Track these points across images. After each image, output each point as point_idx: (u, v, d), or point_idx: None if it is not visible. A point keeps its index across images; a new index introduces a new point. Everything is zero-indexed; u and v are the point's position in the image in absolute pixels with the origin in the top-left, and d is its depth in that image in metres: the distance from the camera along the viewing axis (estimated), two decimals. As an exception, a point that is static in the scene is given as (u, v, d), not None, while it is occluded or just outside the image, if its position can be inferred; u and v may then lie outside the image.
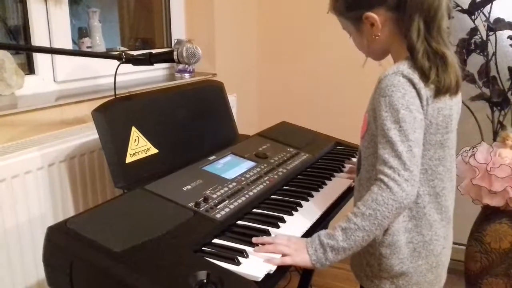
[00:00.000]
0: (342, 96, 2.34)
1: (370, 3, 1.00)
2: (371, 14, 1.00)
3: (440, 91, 0.97)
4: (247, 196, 1.17)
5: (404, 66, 0.97)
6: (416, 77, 0.96)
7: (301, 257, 0.96)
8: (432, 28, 0.97)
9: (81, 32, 1.85)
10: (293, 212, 1.14)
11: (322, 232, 0.98)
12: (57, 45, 1.59)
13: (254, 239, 0.98)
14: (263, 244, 0.98)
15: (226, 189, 1.18)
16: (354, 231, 0.93)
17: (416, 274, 1.05)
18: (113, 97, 1.36)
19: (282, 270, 0.95)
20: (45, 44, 1.57)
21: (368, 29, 1.02)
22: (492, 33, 2.01)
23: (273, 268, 0.91)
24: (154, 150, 1.27)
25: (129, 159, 1.20)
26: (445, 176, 1.05)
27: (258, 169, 1.33)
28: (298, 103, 2.45)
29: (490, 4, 1.98)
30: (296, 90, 2.47)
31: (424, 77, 0.96)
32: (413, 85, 0.95)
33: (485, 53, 2.04)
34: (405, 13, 0.97)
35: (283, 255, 0.95)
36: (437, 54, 0.97)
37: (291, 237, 1.02)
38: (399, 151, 0.92)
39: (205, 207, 1.07)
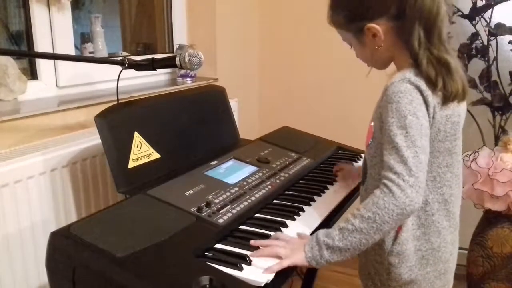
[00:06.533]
0: (343, 100, 2.34)
1: (371, 15, 0.99)
2: (373, 25, 0.99)
3: (448, 98, 0.97)
4: (249, 201, 1.17)
5: (411, 74, 0.96)
6: (423, 84, 0.95)
7: (298, 256, 0.95)
8: (433, 36, 0.97)
9: (83, 38, 1.86)
10: (295, 217, 1.14)
11: (321, 231, 0.97)
12: (59, 50, 1.60)
13: (252, 242, 0.97)
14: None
15: (228, 194, 1.18)
16: (351, 232, 0.92)
17: (425, 281, 1.05)
18: (116, 102, 1.36)
19: (285, 274, 0.94)
20: (48, 49, 1.58)
21: (370, 40, 1.01)
22: (493, 38, 2.02)
23: (270, 278, 0.89)
24: (156, 155, 1.27)
25: (131, 164, 1.20)
26: (453, 182, 1.04)
27: (260, 174, 1.33)
28: (299, 108, 2.46)
29: (490, 9, 1.99)
30: (298, 94, 2.48)
31: (431, 84, 0.95)
32: (420, 92, 0.95)
33: (486, 58, 2.05)
34: (405, 21, 0.96)
35: (281, 257, 0.94)
36: (440, 62, 0.96)
37: (290, 238, 1.01)
38: (405, 157, 0.90)
39: (207, 212, 1.08)
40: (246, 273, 0.89)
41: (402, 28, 0.98)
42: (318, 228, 1.12)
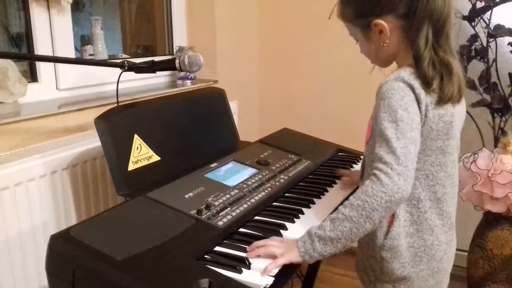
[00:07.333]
0: (343, 102, 2.34)
1: (379, 11, 1.00)
2: (380, 21, 1.00)
3: (442, 100, 0.98)
4: (249, 203, 1.17)
5: (406, 73, 0.98)
6: (416, 83, 0.97)
7: (292, 253, 0.95)
8: (440, 37, 0.98)
9: (83, 40, 1.86)
10: (294, 219, 1.14)
11: (313, 226, 0.98)
12: (59, 52, 1.60)
13: (248, 248, 0.98)
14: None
15: (228, 196, 1.19)
16: (341, 221, 0.93)
17: (418, 279, 1.05)
18: (116, 104, 1.37)
19: (285, 276, 0.95)
20: (48, 51, 1.58)
21: (376, 36, 1.03)
22: (493, 39, 2.02)
23: (270, 281, 0.90)
24: (156, 158, 1.27)
25: (131, 167, 1.20)
26: (446, 181, 1.05)
27: (260, 176, 1.33)
28: (299, 110, 2.46)
29: (490, 11, 1.99)
30: (297, 96, 2.48)
31: (426, 84, 0.97)
32: (413, 90, 0.96)
33: (486, 60, 2.05)
34: (414, 21, 0.98)
35: (276, 256, 0.94)
36: (443, 64, 0.98)
37: (284, 238, 1.02)
38: (394, 147, 0.92)
39: (207, 214, 1.08)
40: (246, 276, 0.89)
41: (410, 27, 0.99)
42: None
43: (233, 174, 1.32)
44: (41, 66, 1.58)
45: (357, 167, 1.53)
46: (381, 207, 0.91)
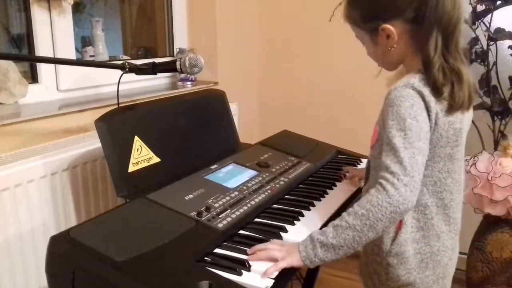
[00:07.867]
0: (343, 104, 2.34)
1: (387, 15, 0.99)
2: (388, 26, 0.99)
3: (453, 108, 0.97)
4: (249, 205, 1.17)
5: (415, 79, 0.96)
6: (426, 91, 0.95)
7: (293, 257, 0.95)
8: (450, 43, 0.96)
9: (84, 41, 1.87)
10: (294, 221, 1.14)
11: (315, 230, 0.98)
12: (60, 53, 1.60)
13: (248, 251, 0.98)
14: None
15: (228, 198, 1.19)
16: (344, 229, 0.93)
17: (423, 284, 1.05)
18: (116, 106, 1.37)
19: (284, 278, 0.95)
20: (49, 52, 1.58)
21: (383, 41, 1.01)
22: (493, 42, 2.02)
23: (270, 283, 0.90)
24: (156, 159, 1.27)
25: (131, 168, 1.20)
26: (454, 188, 1.05)
27: (260, 178, 1.33)
28: (299, 112, 2.46)
29: (490, 14, 1.99)
30: (298, 98, 2.48)
31: (436, 92, 0.95)
32: (422, 98, 0.95)
33: (486, 63, 2.05)
34: (422, 26, 0.96)
35: (277, 260, 0.94)
36: (453, 71, 0.96)
37: (284, 242, 1.02)
38: (401, 157, 0.91)
39: (207, 216, 1.08)
40: (245, 278, 0.89)
41: (419, 32, 0.97)
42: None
43: (233, 176, 1.32)
44: (41, 67, 1.59)
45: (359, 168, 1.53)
46: (385, 218, 0.90)
